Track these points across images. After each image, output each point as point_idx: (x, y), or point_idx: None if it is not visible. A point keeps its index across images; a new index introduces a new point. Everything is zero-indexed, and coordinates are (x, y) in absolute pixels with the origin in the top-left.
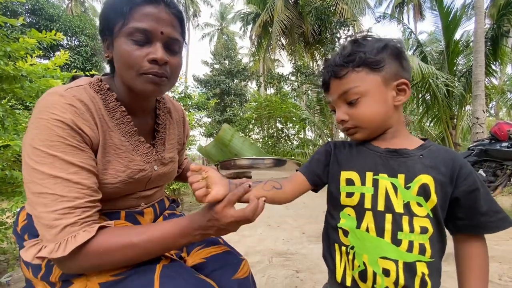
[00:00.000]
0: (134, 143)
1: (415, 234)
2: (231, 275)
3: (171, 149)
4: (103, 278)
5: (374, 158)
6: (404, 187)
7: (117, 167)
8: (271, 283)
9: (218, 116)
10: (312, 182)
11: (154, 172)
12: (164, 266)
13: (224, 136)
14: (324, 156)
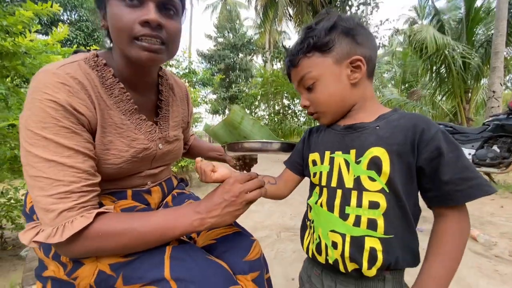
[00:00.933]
0: (135, 121)
1: (363, 209)
2: (243, 256)
3: (176, 127)
4: (113, 259)
5: (333, 137)
6: (355, 162)
7: (120, 147)
8: (279, 257)
9: (223, 93)
10: (297, 171)
11: (159, 151)
12: (174, 247)
13: (234, 118)
14: (301, 144)
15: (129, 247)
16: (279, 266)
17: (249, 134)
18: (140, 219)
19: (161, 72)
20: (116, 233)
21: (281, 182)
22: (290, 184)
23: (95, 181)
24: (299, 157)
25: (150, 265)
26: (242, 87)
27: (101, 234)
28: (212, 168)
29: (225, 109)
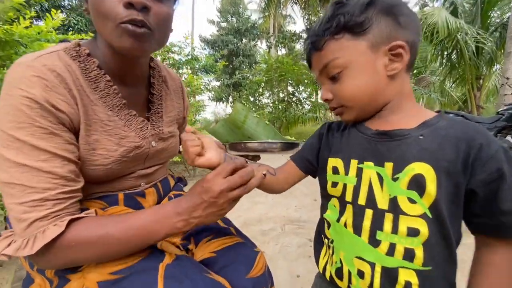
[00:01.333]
0: (124, 118)
1: (399, 237)
2: (246, 272)
3: (170, 123)
4: (101, 276)
5: (362, 143)
6: (391, 178)
7: (108, 146)
8: (284, 251)
9: (227, 80)
10: (305, 169)
11: (152, 149)
12: (169, 266)
13: (237, 117)
14: (317, 139)
15: (109, 254)
16: (284, 261)
17: (253, 133)
18: (118, 223)
19: (152, 63)
20: (92, 242)
21: (282, 175)
22: (291, 179)
23: (74, 187)
24: (312, 155)
25: (141, 286)
26: (246, 73)
27: (75, 243)
28: (199, 151)
29: (228, 96)
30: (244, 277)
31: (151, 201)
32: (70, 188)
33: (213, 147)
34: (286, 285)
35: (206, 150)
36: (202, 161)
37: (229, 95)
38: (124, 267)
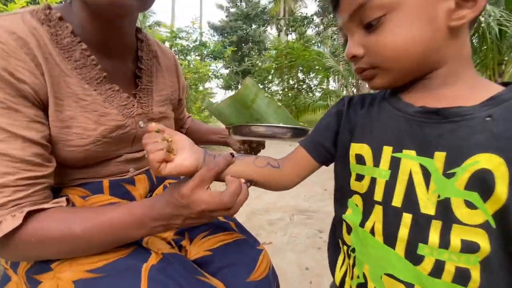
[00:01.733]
0: (105, 93)
1: (450, 252)
2: (246, 274)
3: (162, 103)
4: (76, 274)
5: (399, 124)
6: (442, 174)
7: (85, 124)
8: (292, 242)
9: (236, 67)
10: (319, 158)
11: (140, 130)
12: (153, 267)
13: (246, 95)
14: (334, 118)
15: (75, 253)
16: (292, 253)
17: (263, 115)
18: (84, 221)
19: (140, 34)
20: (53, 239)
21: (288, 167)
22: (302, 170)
23: (40, 172)
24: (328, 139)
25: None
26: (255, 60)
27: (34, 240)
28: (162, 157)
29: (237, 84)
30: (244, 281)
31: (142, 189)
32: (34, 174)
33: (185, 146)
34: (295, 278)
35: (177, 153)
36: (170, 169)
37: (238, 83)
38: (103, 264)
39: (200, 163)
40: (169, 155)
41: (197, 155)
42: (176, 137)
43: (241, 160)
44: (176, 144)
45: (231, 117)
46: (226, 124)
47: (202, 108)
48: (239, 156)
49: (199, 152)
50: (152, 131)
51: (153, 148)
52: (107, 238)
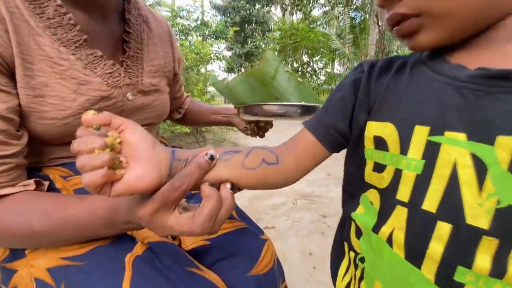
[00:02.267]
0: (85, 58)
1: (505, 284)
2: (247, 268)
3: (154, 74)
4: (51, 261)
5: (441, 94)
6: (507, 170)
7: (62, 93)
8: (296, 227)
9: (238, 49)
10: (330, 144)
11: (129, 102)
12: (138, 258)
13: (265, 70)
14: (350, 90)
15: (39, 246)
16: (295, 238)
17: (283, 93)
18: (45, 216)
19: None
20: (13, 234)
21: (290, 160)
22: (307, 163)
23: (4, 151)
24: (342, 117)
25: (101, 279)
26: (259, 42)
27: None
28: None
29: (240, 66)
30: (245, 274)
31: None
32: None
33: (140, 152)
34: (298, 263)
35: (129, 162)
36: (117, 192)
37: (240, 66)
38: (82, 252)
39: (163, 175)
40: (113, 173)
41: (158, 165)
42: (128, 136)
43: (226, 161)
44: (128, 148)
45: (243, 96)
46: (236, 103)
47: (205, 90)
48: (222, 155)
49: (163, 158)
50: (90, 126)
51: (88, 164)
52: (74, 235)
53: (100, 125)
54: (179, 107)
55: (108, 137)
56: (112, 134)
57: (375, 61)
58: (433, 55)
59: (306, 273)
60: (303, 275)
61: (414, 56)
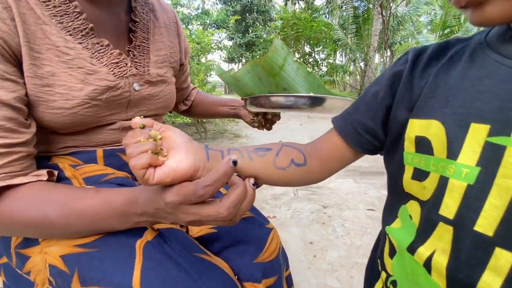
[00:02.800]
0: (92, 47)
1: None
2: (254, 255)
3: (161, 64)
4: (64, 249)
5: (508, 82)
6: None
7: (69, 83)
8: (297, 217)
9: (239, 38)
10: (359, 146)
11: (135, 93)
12: (149, 244)
13: (274, 60)
14: (387, 85)
15: (51, 236)
16: (296, 227)
17: (291, 84)
18: (60, 207)
19: None
20: (27, 224)
21: (316, 162)
22: (334, 164)
23: (15, 140)
24: (375, 116)
25: (113, 264)
26: (260, 31)
27: (7, 222)
28: (149, 160)
29: (241, 57)
30: (251, 262)
31: None
32: (7, 141)
33: (180, 144)
34: (299, 252)
35: (168, 153)
36: (160, 176)
37: (241, 56)
38: (93, 239)
39: (201, 164)
40: (156, 158)
41: (196, 154)
42: (168, 133)
43: (261, 157)
44: (168, 142)
45: (250, 87)
46: (242, 95)
47: (205, 81)
48: (256, 151)
49: (199, 150)
50: (136, 127)
51: (135, 151)
52: (86, 227)
53: (145, 126)
54: (185, 99)
55: (152, 132)
56: (155, 131)
57: (425, 47)
58: (502, 35)
59: (306, 261)
60: (304, 263)
61: (477, 37)
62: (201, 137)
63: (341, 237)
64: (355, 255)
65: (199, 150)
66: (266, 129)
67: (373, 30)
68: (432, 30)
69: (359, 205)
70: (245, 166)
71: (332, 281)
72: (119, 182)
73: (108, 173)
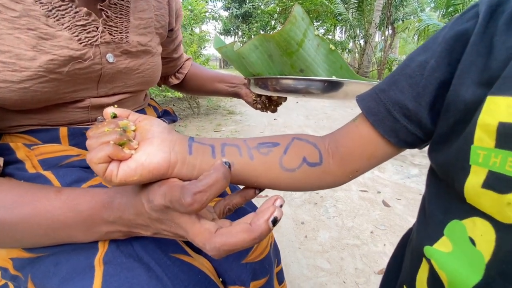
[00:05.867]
0: (49, 2)
1: None
2: (241, 256)
3: (143, 30)
4: (13, 251)
5: None
6: None
7: (16, 49)
8: (288, 197)
9: (236, 9)
10: (394, 134)
11: (109, 66)
12: (113, 244)
13: (292, 33)
14: (444, 49)
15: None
16: (288, 208)
17: (310, 64)
18: (15, 208)
19: None
20: None
21: (335, 159)
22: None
23: None
24: (416, 93)
25: (70, 270)
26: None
27: None
28: (110, 152)
29: (237, 29)
30: (239, 262)
31: None
32: None
33: (154, 134)
34: (290, 232)
35: (140, 144)
36: (124, 173)
37: (237, 28)
38: None
39: (178, 158)
40: (120, 149)
41: (173, 146)
42: (143, 123)
43: (261, 156)
44: (141, 133)
45: (257, 65)
46: (246, 74)
47: (199, 54)
48: (258, 146)
49: (178, 142)
50: (107, 118)
51: (95, 142)
52: (41, 237)
53: (116, 115)
54: (177, 71)
55: (122, 122)
56: (127, 120)
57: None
58: None
59: (297, 241)
60: (295, 243)
61: None
62: (194, 113)
63: (332, 218)
64: (346, 237)
65: (178, 142)
66: (270, 111)
67: (376, 5)
68: (435, 8)
69: (352, 186)
70: (243, 168)
71: (322, 262)
72: (85, 165)
73: (72, 154)
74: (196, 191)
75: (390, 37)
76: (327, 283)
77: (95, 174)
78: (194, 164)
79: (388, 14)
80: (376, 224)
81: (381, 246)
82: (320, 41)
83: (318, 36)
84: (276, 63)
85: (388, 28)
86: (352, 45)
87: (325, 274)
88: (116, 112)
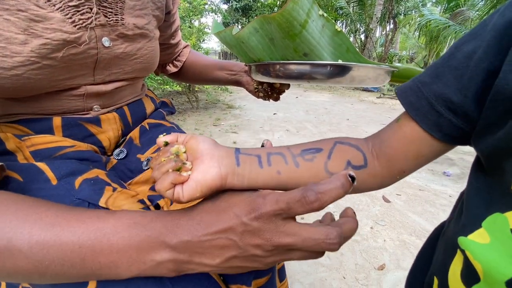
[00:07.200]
0: None
1: None
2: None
3: (140, 11)
4: None
5: None
6: None
7: (6, 32)
8: None
9: (236, 2)
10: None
11: (105, 50)
12: None
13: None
14: (496, 36)
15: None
16: None
17: (314, 47)
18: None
19: None
20: None
21: (381, 160)
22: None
23: None
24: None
25: None
26: None
27: None
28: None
29: (236, 22)
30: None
31: (111, 131)
32: None
33: (202, 152)
34: None
35: (193, 164)
36: (189, 193)
37: (237, 21)
38: None
39: (229, 171)
40: (179, 175)
41: (221, 161)
42: (190, 143)
43: (306, 163)
44: (191, 152)
45: (257, 50)
46: (246, 60)
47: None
48: (302, 153)
49: (225, 155)
50: (161, 146)
51: (158, 174)
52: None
53: (168, 143)
54: (174, 59)
55: (173, 148)
56: (177, 145)
57: None
58: None
59: None
60: None
61: None
62: (193, 107)
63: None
64: None
65: (225, 156)
66: (272, 99)
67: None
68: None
69: None
70: (289, 175)
71: (322, 258)
72: (80, 157)
73: (66, 145)
74: (319, 191)
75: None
76: (327, 278)
77: (91, 166)
78: (243, 175)
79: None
80: (376, 219)
81: (381, 241)
82: (325, 22)
83: (323, 16)
84: (278, 47)
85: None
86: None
87: (325, 270)
88: (167, 140)
